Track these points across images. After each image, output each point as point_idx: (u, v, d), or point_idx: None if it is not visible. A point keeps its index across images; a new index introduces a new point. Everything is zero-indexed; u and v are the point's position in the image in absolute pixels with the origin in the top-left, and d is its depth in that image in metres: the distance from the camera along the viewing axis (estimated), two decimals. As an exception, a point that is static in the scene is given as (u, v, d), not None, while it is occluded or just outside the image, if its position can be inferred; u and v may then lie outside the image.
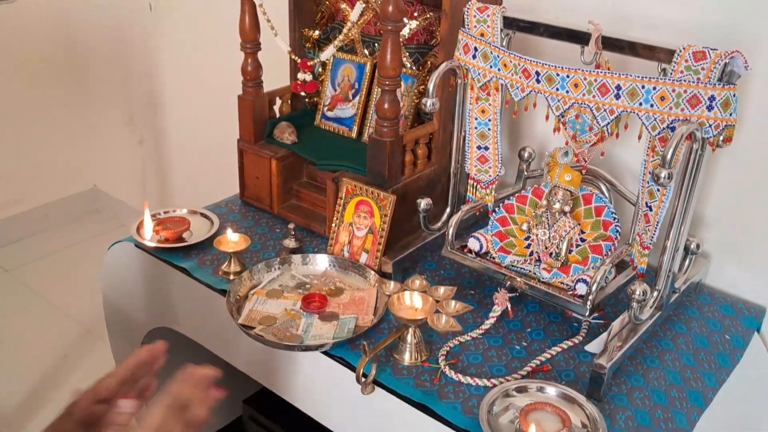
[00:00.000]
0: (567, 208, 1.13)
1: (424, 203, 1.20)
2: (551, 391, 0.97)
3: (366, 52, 1.42)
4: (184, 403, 0.82)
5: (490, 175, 1.22)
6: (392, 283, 1.13)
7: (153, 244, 1.28)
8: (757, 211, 1.20)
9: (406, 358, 1.04)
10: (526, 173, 1.29)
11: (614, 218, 1.14)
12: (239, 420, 1.58)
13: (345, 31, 1.31)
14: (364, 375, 0.99)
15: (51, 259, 2.31)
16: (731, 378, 1.10)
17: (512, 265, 1.14)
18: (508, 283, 1.11)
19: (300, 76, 1.37)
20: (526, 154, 1.28)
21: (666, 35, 1.17)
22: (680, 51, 0.95)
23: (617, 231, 1.13)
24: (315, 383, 1.09)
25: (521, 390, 0.97)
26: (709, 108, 0.94)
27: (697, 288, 1.23)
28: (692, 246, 1.14)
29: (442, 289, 1.09)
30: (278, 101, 1.46)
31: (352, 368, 1.02)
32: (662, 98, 0.97)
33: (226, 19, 1.46)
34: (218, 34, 1.89)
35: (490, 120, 1.18)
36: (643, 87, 0.98)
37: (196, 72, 2.12)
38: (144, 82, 2.29)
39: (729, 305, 1.21)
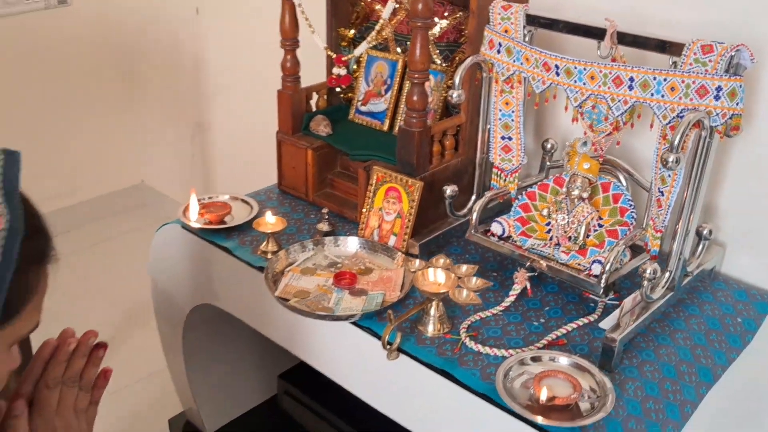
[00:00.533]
0: (585, 195, 1.20)
1: (449, 190, 1.27)
2: (564, 360, 1.03)
3: (398, 50, 1.50)
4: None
5: (513, 164, 1.29)
6: (417, 261, 1.20)
7: (198, 226, 1.37)
8: (770, 201, 1.25)
9: (430, 329, 1.11)
10: (549, 163, 1.35)
11: (630, 205, 1.21)
12: (275, 397, 1.67)
13: (377, 27, 1.40)
14: (389, 343, 1.07)
15: (100, 248, 2.44)
16: (741, 357, 1.15)
17: (532, 248, 1.21)
18: (528, 263, 1.18)
19: (335, 70, 1.46)
20: (548, 146, 1.34)
21: (680, 32, 1.22)
22: (689, 45, 1.02)
23: (633, 217, 1.20)
24: (344, 352, 1.17)
25: (536, 359, 1.04)
26: (717, 98, 1.00)
27: (712, 275, 1.28)
28: (705, 232, 1.19)
29: (464, 267, 1.16)
30: (315, 96, 1.55)
31: (379, 338, 1.09)
32: (672, 89, 1.03)
33: (265, 20, 1.55)
34: (258, 34, 1.99)
35: (513, 111, 1.26)
36: (654, 78, 1.04)
37: (238, 70, 2.22)
38: (190, 81, 2.41)
39: (743, 291, 1.26)
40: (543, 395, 0.96)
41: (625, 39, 1.11)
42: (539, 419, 0.94)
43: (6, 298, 0.67)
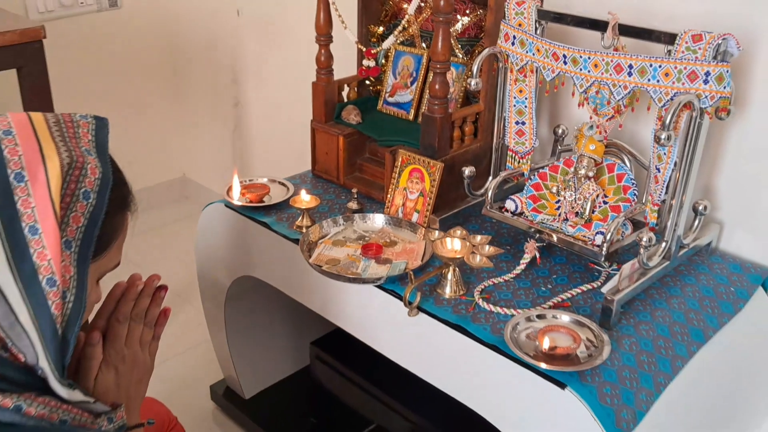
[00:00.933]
0: (591, 174, 1.31)
1: (468, 171, 1.40)
2: (566, 318, 1.15)
3: (424, 45, 1.63)
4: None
5: (526, 147, 1.41)
6: (437, 232, 1.33)
7: (240, 204, 1.52)
8: (765, 182, 1.35)
9: (447, 291, 1.24)
10: (560, 147, 1.47)
11: (633, 183, 1.32)
12: (308, 367, 1.81)
13: (403, 23, 1.53)
14: (410, 301, 1.19)
15: (146, 236, 2.61)
16: (732, 322, 1.25)
17: (543, 222, 1.33)
18: (537, 234, 1.30)
19: (365, 62, 1.59)
20: (560, 131, 1.46)
21: (683, 25, 1.33)
22: (681, 34, 1.13)
23: (635, 194, 1.31)
24: (369, 313, 1.30)
25: (541, 317, 1.16)
26: (705, 82, 1.12)
27: (709, 250, 1.39)
28: (700, 208, 1.30)
29: (479, 237, 1.29)
30: (346, 88, 1.68)
31: (402, 299, 1.22)
32: (666, 74, 1.15)
33: (300, 19, 1.68)
34: (294, 32, 2.13)
35: (526, 98, 1.38)
36: (650, 65, 1.16)
37: (274, 65, 2.37)
38: (230, 79, 2.56)
39: (738, 264, 1.37)
40: (545, 344, 1.08)
41: (626, 30, 1.22)
42: (542, 365, 1.06)
43: (99, 236, 0.81)
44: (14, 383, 0.78)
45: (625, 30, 1.22)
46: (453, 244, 1.25)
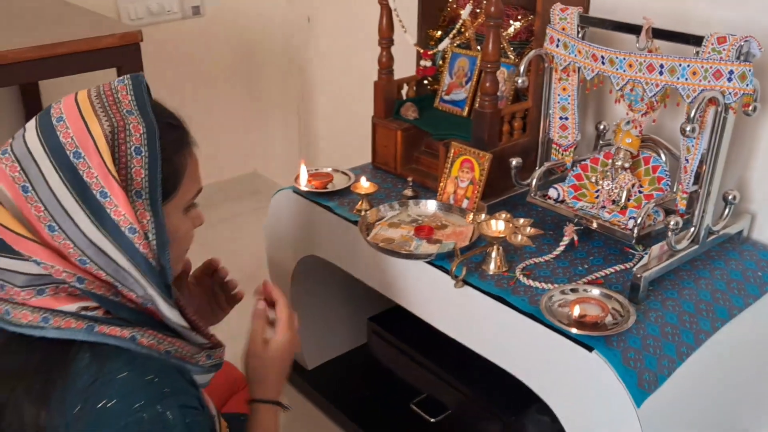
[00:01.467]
0: (627, 165, 1.43)
1: (515, 161, 1.53)
2: (596, 291, 1.27)
3: (479, 47, 1.77)
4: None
5: (569, 140, 1.54)
6: (484, 215, 1.47)
7: (306, 190, 1.68)
8: (795, 175, 1.44)
9: (491, 268, 1.37)
10: (601, 142, 1.59)
11: (666, 175, 1.43)
12: (365, 345, 1.96)
13: (457, 26, 1.67)
14: (456, 275, 1.33)
15: (221, 226, 2.81)
16: (757, 303, 1.35)
17: (581, 209, 1.45)
18: (576, 219, 1.43)
19: (422, 63, 1.74)
20: (601, 127, 1.58)
21: (716, 29, 1.44)
22: (708, 37, 1.25)
23: (668, 184, 1.42)
24: (420, 287, 1.45)
25: (574, 290, 1.29)
26: (729, 80, 1.23)
27: (741, 239, 1.48)
28: (730, 197, 1.40)
29: (522, 220, 1.42)
30: (405, 87, 1.83)
31: (449, 274, 1.36)
32: (694, 73, 1.26)
33: (365, 23, 1.84)
34: (358, 36, 2.30)
35: (569, 96, 1.51)
36: (680, 65, 1.27)
37: (339, 67, 2.55)
38: (299, 81, 2.75)
39: (767, 252, 1.46)
40: (576, 312, 1.21)
41: (658, 34, 1.34)
42: (573, 330, 1.18)
43: (163, 180, 0.96)
44: (129, 322, 0.95)
45: (658, 33, 1.34)
46: (497, 225, 1.38)
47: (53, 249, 0.92)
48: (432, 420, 1.69)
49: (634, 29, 1.37)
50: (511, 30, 1.69)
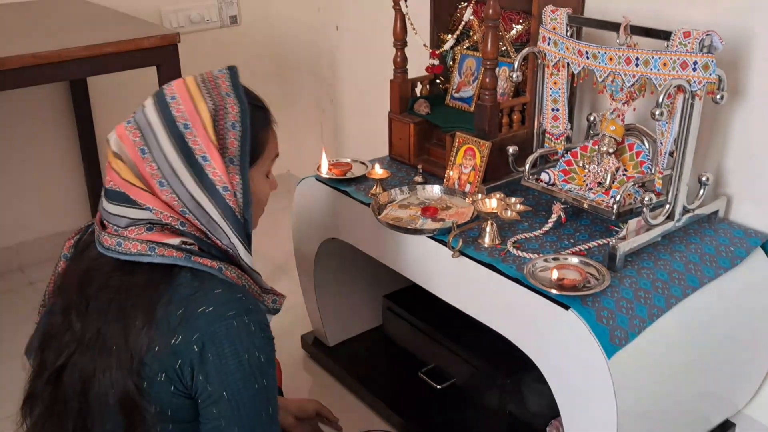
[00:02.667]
0: (611, 150, 1.58)
1: (511, 149, 1.70)
2: (575, 259, 1.43)
3: (484, 49, 1.94)
4: None
5: (560, 129, 1.69)
6: (480, 194, 1.63)
7: (327, 177, 1.87)
8: (766, 159, 1.58)
9: (486, 241, 1.53)
10: (591, 132, 1.74)
11: (648, 159, 1.58)
12: (381, 326, 2.14)
13: (461, 27, 1.84)
14: (453, 246, 1.50)
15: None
16: (728, 274, 1.49)
17: (570, 191, 1.61)
18: (563, 198, 1.58)
19: (431, 61, 1.92)
20: (591, 118, 1.73)
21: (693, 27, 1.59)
22: (675, 32, 1.40)
23: (648, 168, 1.57)
24: (425, 260, 1.61)
25: (556, 259, 1.44)
26: (694, 69, 1.38)
27: (717, 218, 1.62)
28: (704, 179, 1.54)
29: (513, 199, 1.58)
30: (419, 85, 2.01)
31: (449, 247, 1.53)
32: (664, 64, 1.41)
33: (387, 29, 2.01)
34: (378, 41, 2.47)
35: (560, 89, 1.67)
36: (652, 57, 1.43)
37: (362, 69, 2.73)
38: (330, 84, 2.95)
39: (741, 230, 1.60)
40: (554, 275, 1.36)
41: (635, 30, 1.50)
42: (553, 291, 1.34)
43: (251, 150, 1.19)
44: (218, 258, 1.18)
45: (635, 30, 1.50)
46: (491, 203, 1.54)
47: (162, 201, 1.15)
48: (438, 387, 1.85)
49: (615, 27, 1.53)
50: (513, 32, 1.86)
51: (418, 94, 2.02)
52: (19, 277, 2.70)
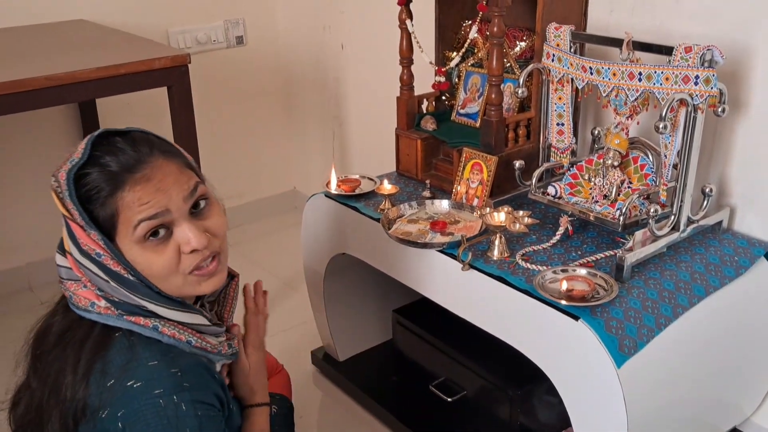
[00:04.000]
0: (616, 163, 1.61)
1: (518, 164, 1.73)
2: (583, 271, 1.45)
3: (489, 66, 1.98)
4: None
5: (565, 143, 1.72)
6: (488, 208, 1.66)
7: (336, 193, 1.90)
8: (769, 171, 1.61)
9: (495, 254, 1.56)
10: (597, 146, 1.77)
11: (652, 172, 1.61)
12: (391, 339, 2.16)
13: (466, 45, 1.88)
14: (463, 259, 1.52)
15: (262, 239, 3.05)
16: (733, 283, 1.51)
17: (576, 204, 1.64)
18: (570, 211, 1.61)
19: (436, 78, 1.95)
20: (595, 132, 1.76)
21: (694, 42, 1.63)
22: (677, 47, 1.43)
23: (653, 180, 1.60)
24: (434, 274, 1.64)
25: (564, 270, 1.47)
26: (696, 83, 1.41)
27: (721, 229, 1.65)
28: (707, 190, 1.57)
29: (521, 212, 1.61)
30: (425, 102, 2.04)
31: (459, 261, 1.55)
32: (667, 79, 1.45)
33: (391, 47, 2.05)
34: (384, 59, 2.52)
35: (564, 104, 1.70)
36: (655, 72, 1.46)
37: (367, 86, 2.77)
38: (333, 102, 2.99)
39: (745, 240, 1.62)
40: (563, 286, 1.39)
41: (638, 46, 1.53)
42: (562, 302, 1.36)
43: (101, 222, 1.06)
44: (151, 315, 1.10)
45: (638, 46, 1.53)
46: (499, 216, 1.57)
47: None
48: (449, 400, 1.87)
49: (617, 43, 1.56)
50: (517, 49, 1.90)
51: (425, 111, 2.05)
52: (29, 296, 2.73)
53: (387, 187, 1.82)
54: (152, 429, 1.01)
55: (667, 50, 1.46)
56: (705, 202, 1.58)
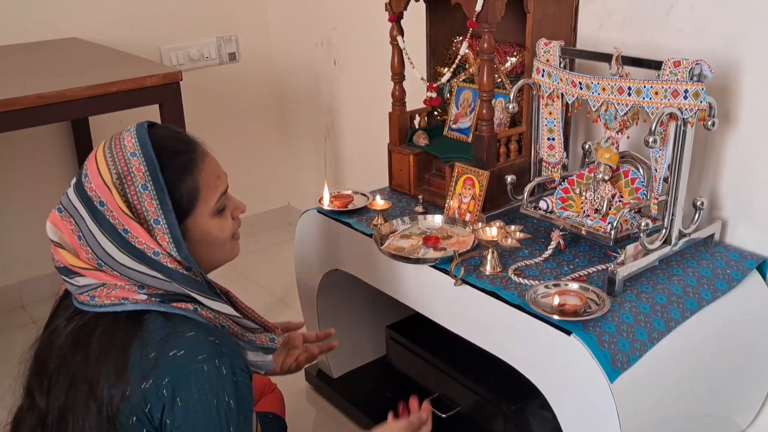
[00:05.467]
0: (607, 177, 1.61)
1: (509, 178, 1.73)
2: (575, 285, 1.45)
3: (480, 81, 1.98)
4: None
5: (556, 158, 1.73)
6: (480, 223, 1.66)
7: (329, 209, 1.90)
8: (760, 184, 1.61)
9: (487, 269, 1.56)
10: (587, 160, 1.78)
11: (643, 185, 1.61)
12: (386, 355, 2.15)
13: (457, 60, 1.89)
14: (455, 274, 1.52)
15: (256, 255, 3.04)
16: (725, 296, 1.51)
17: (568, 218, 1.64)
18: (561, 225, 1.61)
19: (428, 94, 1.96)
20: (586, 146, 1.77)
21: (684, 57, 1.64)
22: (666, 61, 1.44)
23: (644, 194, 1.60)
24: (427, 289, 1.63)
25: (556, 285, 1.47)
26: (685, 98, 1.42)
27: (713, 242, 1.65)
28: (698, 204, 1.58)
29: (513, 227, 1.61)
30: (417, 117, 2.05)
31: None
32: (656, 93, 1.45)
33: (384, 63, 2.05)
34: (376, 75, 2.53)
35: (555, 119, 1.70)
36: (644, 87, 1.47)
37: (360, 102, 2.78)
38: (328, 117, 3.00)
39: (737, 253, 1.62)
40: (556, 301, 1.39)
41: (627, 61, 1.54)
42: (555, 317, 1.36)
43: (178, 201, 1.15)
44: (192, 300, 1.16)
45: (627, 60, 1.54)
46: (491, 231, 1.57)
47: (112, 276, 1.15)
48: (443, 416, 1.86)
49: (607, 58, 1.57)
50: (508, 64, 1.91)
51: (417, 126, 2.06)
52: (21, 315, 2.72)
53: (380, 202, 1.82)
54: (194, 395, 1.07)
55: (656, 65, 1.47)
56: (696, 216, 1.59)
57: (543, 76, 1.68)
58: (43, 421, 1.15)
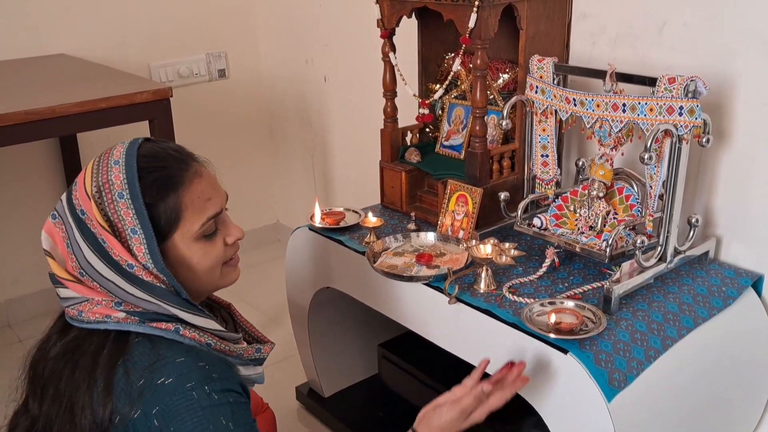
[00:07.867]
0: (601, 194, 1.60)
1: (503, 195, 1.72)
2: (570, 303, 1.44)
3: (472, 98, 1.98)
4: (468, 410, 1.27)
5: (549, 175, 1.72)
6: (474, 241, 1.64)
7: (320, 226, 1.88)
8: (754, 201, 1.60)
9: (481, 287, 1.54)
10: (581, 177, 1.77)
11: (637, 202, 1.60)
12: (378, 374, 2.12)
13: (449, 77, 1.88)
14: (449, 293, 1.51)
15: (245, 272, 2.95)
16: (721, 314, 1.50)
17: (562, 235, 1.63)
18: (556, 242, 1.60)
19: (420, 110, 1.95)
20: (580, 163, 1.76)
21: (677, 73, 1.63)
22: (661, 78, 1.44)
23: (638, 210, 1.59)
24: (421, 307, 1.62)
25: (552, 303, 1.45)
26: (680, 114, 1.41)
27: (708, 259, 1.64)
28: (693, 221, 1.57)
29: (507, 244, 1.59)
30: (409, 134, 2.04)
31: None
32: (651, 110, 1.45)
33: (374, 79, 2.04)
34: (367, 91, 2.53)
35: (548, 135, 1.70)
36: (639, 103, 1.46)
37: (351, 118, 2.77)
38: (319, 133, 2.98)
39: (732, 270, 1.62)
40: (552, 319, 1.37)
41: (621, 77, 1.54)
42: (551, 336, 1.35)
43: (159, 217, 1.11)
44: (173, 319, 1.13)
45: (621, 77, 1.53)
46: (485, 249, 1.56)
47: (91, 289, 1.14)
48: (437, 435, 1.84)
49: (600, 74, 1.57)
50: (500, 81, 1.90)
51: (409, 143, 2.05)
52: (7, 333, 2.67)
53: (372, 219, 1.81)
54: (188, 424, 1.04)
55: (650, 81, 1.47)
56: (691, 233, 1.58)
57: (536, 92, 1.67)
58: (34, 426, 1.14)
